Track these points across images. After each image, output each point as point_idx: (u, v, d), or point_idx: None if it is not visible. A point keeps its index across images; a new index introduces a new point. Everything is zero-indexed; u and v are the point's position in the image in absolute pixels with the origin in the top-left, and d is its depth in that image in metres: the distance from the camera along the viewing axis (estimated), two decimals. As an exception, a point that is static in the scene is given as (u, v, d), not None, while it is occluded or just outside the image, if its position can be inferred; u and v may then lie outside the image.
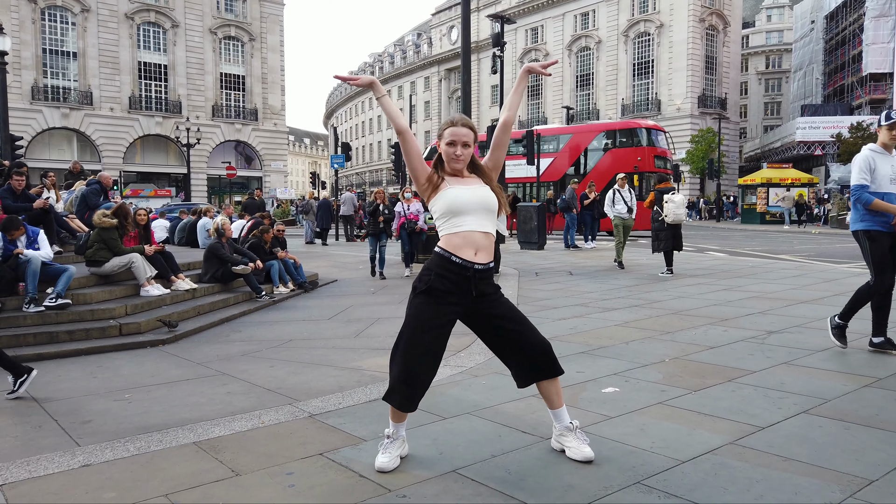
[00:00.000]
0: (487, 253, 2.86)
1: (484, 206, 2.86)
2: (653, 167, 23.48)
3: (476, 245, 2.82)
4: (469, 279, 2.81)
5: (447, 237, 2.86)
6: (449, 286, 2.80)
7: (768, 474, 2.76)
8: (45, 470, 3.02)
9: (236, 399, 4.24)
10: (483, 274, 2.84)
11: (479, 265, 2.82)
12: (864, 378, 4.23)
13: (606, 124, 26.44)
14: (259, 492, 2.72)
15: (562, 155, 25.89)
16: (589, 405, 3.78)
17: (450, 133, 2.88)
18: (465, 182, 2.91)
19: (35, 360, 5.50)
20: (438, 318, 2.83)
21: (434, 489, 2.70)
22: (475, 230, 2.82)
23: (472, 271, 2.81)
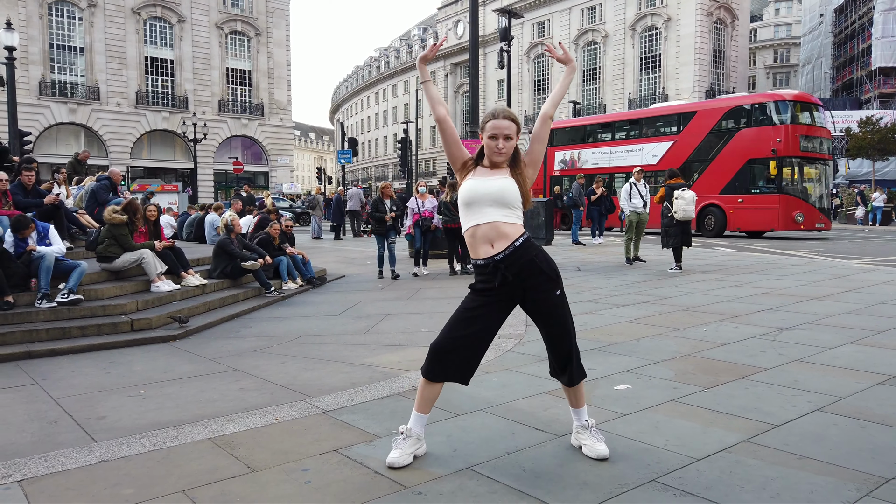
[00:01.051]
0: (504, 239, 2.84)
1: (494, 198, 2.85)
2: (797, 150, 19.07)
3: (488, 238, 2.84)
4: (496, 273, 2.83)
5: (467, 239, 2.94)
6: (487, 283, 2.88)
7: (784, 473, 2.75)
8: (62, 466, 3.05)
9: (249, 395, 4.26)
10: (506, 261, 2.83)
11: (499, 255, 2.83)
12: (878, 375, 4.21)
13: (737, 98, 22.12)
14: (276, 489, 2.73)
15: (683, 138, 21.62)
16: (602, 402, 3.77)
17: (491, 126, 2.88)
18: (489, 173, 2.92)
19: (48, 355, 5.57)
20: (481, 308, 2.88)
21: (449, 486, 2.71)
22: (482, 222, 2.85)
23: (493, 264, 2.83)
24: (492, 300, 2.89)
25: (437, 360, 2.89)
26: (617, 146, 23.45)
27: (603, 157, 23.62)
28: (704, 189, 19.87)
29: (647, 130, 22.99)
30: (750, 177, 19.73)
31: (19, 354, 5.51)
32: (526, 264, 2.85)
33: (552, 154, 25.08)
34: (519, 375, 4.42)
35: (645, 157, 21.87)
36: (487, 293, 2.88)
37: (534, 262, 2.87)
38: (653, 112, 23.73)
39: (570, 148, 25.03)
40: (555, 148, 25.13)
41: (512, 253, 2.83)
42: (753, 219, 19.63)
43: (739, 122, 20.33)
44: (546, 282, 2.89)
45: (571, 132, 25.90)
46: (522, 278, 2.85)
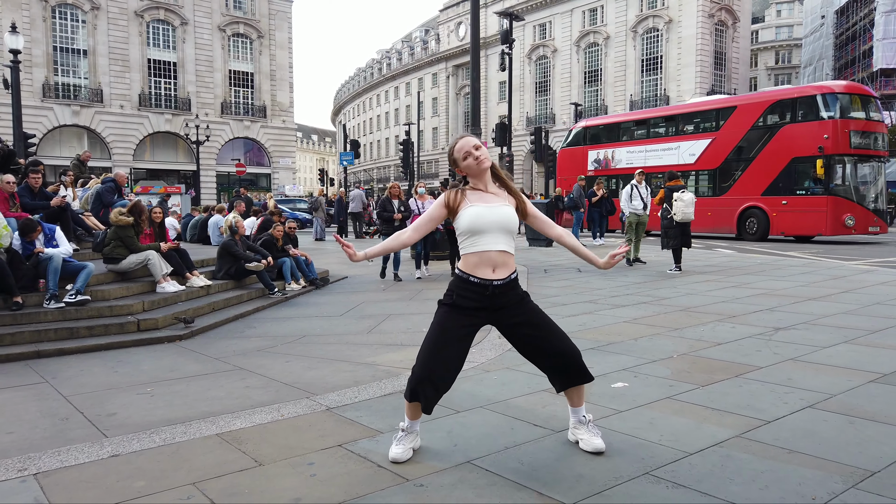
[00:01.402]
0: (506, 268, 2.95)
1: (503, 227, 2.94)
2: (847, 147, 17.51)
3: (493, 263, 2.92)
4: (489, 296, 2.92)
5: (465, 257, 2.98)
6: (470, 303, 2.94)
7: (773, 466, 2.85)
8: (75, 460, 3.15)
9: (255, 393, 4.36)
10: (503, 289, 2.94)
11: (498, 281, 2.93)
12: (871, 374, 4.30)
13: (781, 91, 20.35)
14: (283, 481, 2.83)
15: (723, 135, 20.14)
16: (599, 399, 3.87)
17: (458, 148, 3.00)
18: (487, 200, 2.98)
19: (57, 355, 5.67)
20: (459, 330, 2.95)
21: (450, 479, 2.81)
22: (491, 249, 2.92)
23: (492, 288, 2.92)
24: (471, 320, 2.97)
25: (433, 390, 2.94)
26: (652, 144, 22.31)
27: (637, 157, 22.38)
28: (745, 190, 19.19)
29: (684, 127, 21.64)
30: (795, 177, 18.39)
31: (29, 354, 5.62)
32: (515, 297, 3.00)
33: (585, 153, 24.47)
34: (518, 373, 4.52)
35: (682, 156, 20.73)
36: (468, 312, 2.94)
37: (519, 295, 3.02)
38: (690, 108, 22.33)
39: (603, 147, 24.01)
40: (588, 147, 24.50)
41: (508, 283, 2.96)
42: (799, 222, 18.28)
43: (784, 117, 18.80)
44: (519, 299, 3.02)
45: (605, 130, 24.92)
46: (510, 306, 2.98)
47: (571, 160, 24.81)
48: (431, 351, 2.94)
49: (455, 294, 2.97)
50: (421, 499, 2.63)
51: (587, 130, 25.33)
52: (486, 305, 2.94)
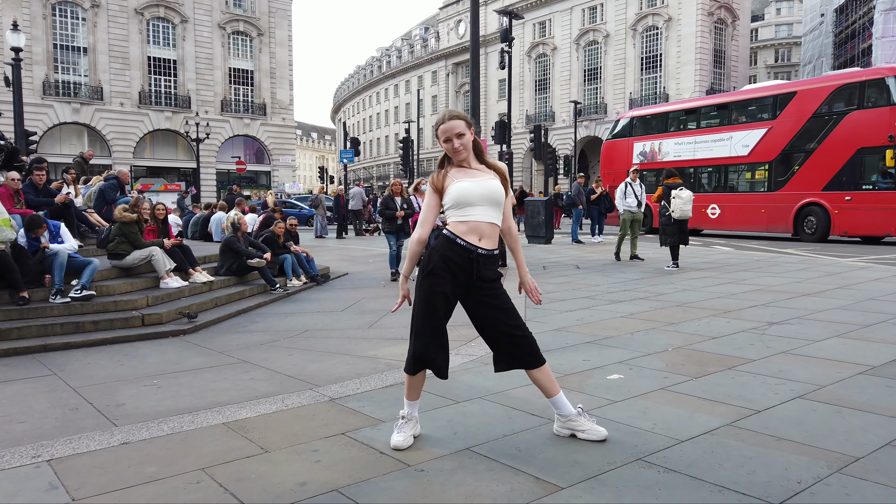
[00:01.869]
0: (491, 241, 3.06)
1: (490, 199, 3.04)
2: None
3: (480, 233, 3.03)
4: (472, 261, 3.02)
5: (454, 223, 3.07)
6: (452, 266, 3.01)
7: (761, 452, 2.96)
8: (87, 447, 3.25)
9: (259, 384, 4.46)
10: (486, 259, 3.05)
11: (483, 250, 3.03)
12: (860, 366, 4.41)
13: (846, 74, 18.49)
14: (289, 466, 2.94)
15: (780, 124, 18.33)
16: (595, 391, 3.98)
17: (442, 131, 3.08)
18: (472, 175, 3.09)
19: (63, 348, 5.77)
20: (442, 297, 3.05)
21: (450, 464, 2.91)
22: (481, 220, 3.03)
23: (476, 255, 3.02)
24: (447, 292, 3.05)
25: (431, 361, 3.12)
26: (703, 135, 20.72)
27: (686, 149, 20.99)
28: (804, 185, 17.63)
29: (737, 116, 20.11)
30: (861, 169, 16.63)
31: (36, 347, 5.72)
32: (492, 272, 3.11)
33: (630, 146, 22.89)
34: (517, 366, 4.61)
35: (734, 148, 19.31)
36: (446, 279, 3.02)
37: (496, 271, 3.14)
38: (745, 94, 20.58)
39: (650, 138, 22.44)
40: (633, 139, 22.96)
41: (491, 256, 3.08)
42: (865, 221, 16.56)
43: (849, 103, 17.06)
44: (496, 277, 3.15)
45: (652, 121, 23.21)
46: (485, 280, 3.06)
47: (616, 153, 23.58)
48: (422, 328, 3.10)
49: (438, 255, 3.03)
50: (421, 483, 2.73)
51: (634, 121, 23.71)
52: (468, 271, 3.02)
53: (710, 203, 19.79)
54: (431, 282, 3.04)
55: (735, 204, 19.62)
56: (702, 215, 19.29)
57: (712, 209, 19.91)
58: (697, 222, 19.23)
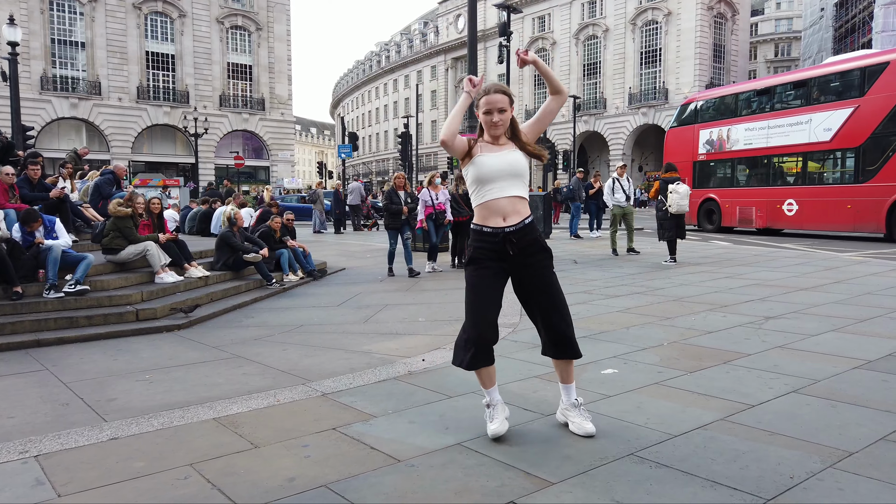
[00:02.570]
0: (517, 215, 3.03)
1: (510, 172, 3.03)
2: None
3: (502, 211, 3.02)
4: (504, 241, 3.01)
5: (477, 210, 3.10)
6: (488, 253, 3.04)
7: (754, 447, 2.93)
8: (75, 442, 3.23)
9: (252, 379, 4.44)
10: (516, 234, 3.02)
11: (510, 227, 3.02)
12: (855, 360, 4.38)
13: None
14: (278, 461, 2.91)
15: (869, 102, 15.47)
16: (589, 385, 3.95)
17: (485, 102, 3.05)
18: (495, 149, 3.08)
19: (57, 343, 5.75)
20: (488, 280, 3.05)
21: (440, 459, 2.89)
22: (499, 197, 3.01)
23: (504, 234, 3.01)
24: (492, 270, 3.05)
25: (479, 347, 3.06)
26: (777, 118, 17.80)
27: (759, 135, 18.22)
28: None
29: (818, 95, 17.29)
30: None
31: (29, 342, 5.69)
32: (530, 242, 3.06)
33: (696, 133, 20.39)
34: (512, 361, 4.60)
35: (814, 133, 16.63)
36: (486, 262, 3.04)
37: (537, 240, 3.09)
38: (826, 68, 17.54)
39: (717, 124, 19.74)
40: (699, 125, 20.35)
41: (521, 228, 3.03)
42: None
43: None
44: (546, 258, 3.10)
45: (719, 104, 20.27)
46: (526, 254, 3.04)
47: (680, 142, 20.87)
48: (472, 314, 3.05)
49: (473, 247, 3.10)
50: (411, 478, 2.71)
51: (698, 105, 20.89)
52: (503, 251, 3.01)
53: (785, 198, 17.47)
54: (473, 269, 3.09)
55: (815, 199, 16.75)
56: (776, 212, 17.60)
57: (788, 205, 17.38)
58: (772, 220, 17.79)
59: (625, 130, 51.28)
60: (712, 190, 19.76)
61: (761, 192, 18.22)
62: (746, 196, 18.67)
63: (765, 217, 18.02)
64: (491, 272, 3.05)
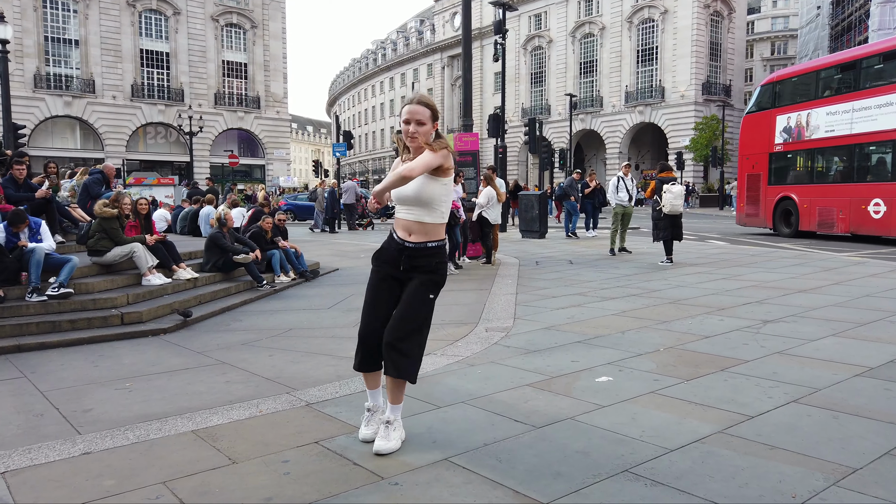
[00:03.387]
0: (422, 235, 3.06)
1: (413, 200, 3.03)
2: None
3: (409, 229, 3.08)
4: (400, 252, 3.09)
5: (395, 218, 3.18)
6: (386, 256, 3.15)
7: (754, 462, 2.81)
8: (45, 458, 3.09)
9: (235, 388, 4.30)
10: (413, 252, 3.08)
11: (410, 244, 3.08)
12: (857, 367, 4.26)
13: None
14: (255, 479, 2.78)
15: None
16: (582, 394, 3.82)
17: (405, 112, 3.02)
18: None
19: (38, 349, 5.60)
20: (379, 283, 3.15)
21: (426, 477, 2.75)
22: (406, 218, 3.08)
23: (403, 246, 3.09)
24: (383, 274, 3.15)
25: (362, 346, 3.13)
26: (862, 99, 14.69)
27: (841, 120, 15.16)
28: None
29: None
30: None
31: (9, 348, 5.54)
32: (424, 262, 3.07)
33: (772, 120, 17.15)
34: (502, 368, 4.47)
35: None
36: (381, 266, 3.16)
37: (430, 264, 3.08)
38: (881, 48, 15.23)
39: (795, 108, 16.64)
40: (776, 110, 17.16)
41: (416, 249, 3.07)
42: None
43: None
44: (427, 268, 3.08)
45: (798, 84, 17.25)
46: (413, 270, 3.08)
47: (755, 131, 17.90)
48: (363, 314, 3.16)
49: (381, 245, 3.22)
50: (395, 498, 2.58)
51: (776, 87, 17.61)
52: (396, 261, 3.10)
53: (871, 197, 14.37)
54: (373, 269, 3.21)
55: None
56: (860, 214, 14.58)
57: (875, 206, 14.31)
58: (856, 224, 14.83)
59: (621, 129, 51.19)
60: (790, 187, 16.72)
61: (843, 189, 15.20)
62: (827, 194, 15.63)
63: (847, 220, 14.98)
64: (384, 279, 3.15)
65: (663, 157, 48.03)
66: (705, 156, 42.57)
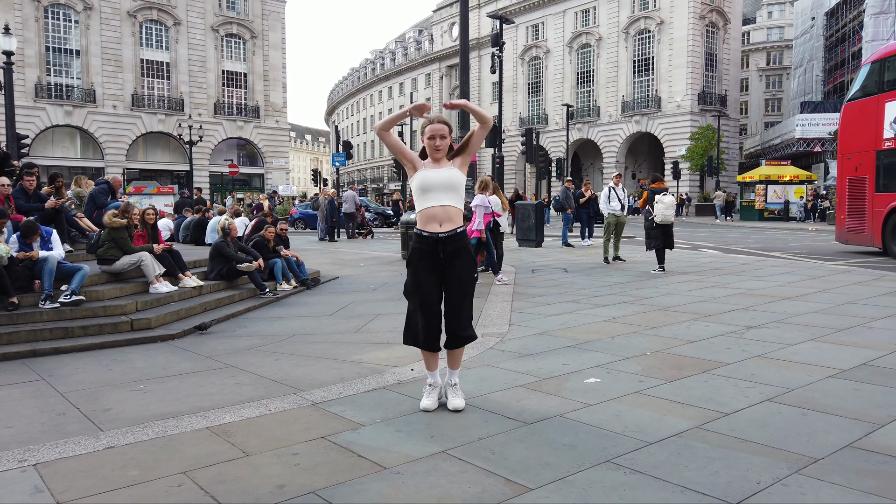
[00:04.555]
0: (450, 223, 3.63)
1: (445, 184, 3.64)
2: None
3: (437, 217, 3.63)
4: (435, 244, 3.62)
5: (418, 217, 3.72)
6: (421, 254, 3.67)
7: (725, 454, 3.06)
8: (72, 451, 3.33)
9: (244, 389, 4.55)
10: (448, 240, 3.62)
11: (444, 234, 3.62)
12: (830, 370, 4.53)
13: None
14: (268, 469, 3.03)
15: None
16: (571, 394, 4.08)
17: (430, 130, 3.71)
18: (436, 166, 3.71)
19: (53, 353, 5.84)
20: (424, 278, 3.68)
21: (425, 467, 3.01)
22: (434, 205, 3.62)
23: (437, 238, 3.62)
24: (426, 268, 3.67)
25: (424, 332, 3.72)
26: None
27: None
28: None
29: None
30: None
31: (25, 353, 5.79)
32: (458, 247, 3.66)
33: (881, 108, 13.51)
34: (497, 371, 4.72)
35: None
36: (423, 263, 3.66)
37: (464, 247, 3.70)
38: None
39: None
40: (885, 95, 13.46)
41: (449, 237, 3.62)
42: None
43: None
44: (463, 254, 3.69)
45: None
46: (451, 258, 3.64)
47: (858, 123, 14.38)
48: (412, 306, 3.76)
49: (412, 248, 3.71)
50: (396, 485, 2.83)
51: (885, 64, 13.72)
52: (434, 253, 3.62)
53: None
54: (412, 269, 3.73)
55: None
56: None
57: None
58: None
59: (618, 138, 51.62)
60: None
61: None
62: None
63: None
64: (428, 273, 3.67)
65: (659, 167, 48.45)
66: (701, 165, 42.95)
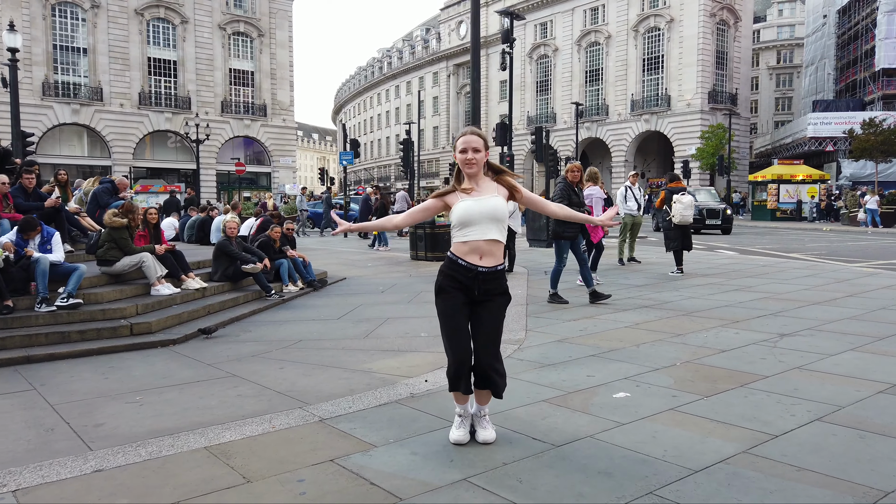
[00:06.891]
0: (492, 258, 3.18)
1: (490, 216, 3.16)
2: None
3: (480, 251, 3.16)
4: (474, 279, 3.16)
5: (456, 245, 3.22)
6: (456, 284, 3.18)
7: (782, 485, 2.74)
8: (57, 475, 3.04)
9: (247, 402, 4.24)
10: (487, 276, 3.17)
11: (483, 268, 3.16)
12: (879, 384, 4.19)
13: None
14: (271, 499, 2.72)
15: None
16: (600, 411, 3.75)
17: (461, 142, 3.23)
18: (474, 195, 3.21)
19: (47, 360, 5.56)
20: (455, 309, 3.20)
21: (445, 498, 2.69)
22: (479, 239, 3.16)
23: (476, 272, 3.16)
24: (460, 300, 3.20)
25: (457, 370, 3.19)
26: None
27: None
28: None
29: None
30: None
31: (18, 359, 5.50)
32: (496, 286, 3.22)
33: None
34: (518, 383, 4.39)
35: None
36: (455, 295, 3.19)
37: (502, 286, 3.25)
38: None
39: None
40: None
41: (490, 273, 3.18)
42: None
43: None
44: (500, 293, 3.25)
45: None
46: (487, 294, 3.20)
47: None
48: (449, 342, 3.20)
49: (443, 276, 3.23)
50: (414, 520, 2.52)
51: None
52: (469, 286, 3.17)
53: None
54: (442, 299, 3.22)
55: None
56: None
57: None
58: None
59: (627, 137, 51.15)
60: None
61: None
62: None
63: None
64: (459, 305, 3.20)
65: (669, 166, 47.96)
66: (711, 164, 42.46)
